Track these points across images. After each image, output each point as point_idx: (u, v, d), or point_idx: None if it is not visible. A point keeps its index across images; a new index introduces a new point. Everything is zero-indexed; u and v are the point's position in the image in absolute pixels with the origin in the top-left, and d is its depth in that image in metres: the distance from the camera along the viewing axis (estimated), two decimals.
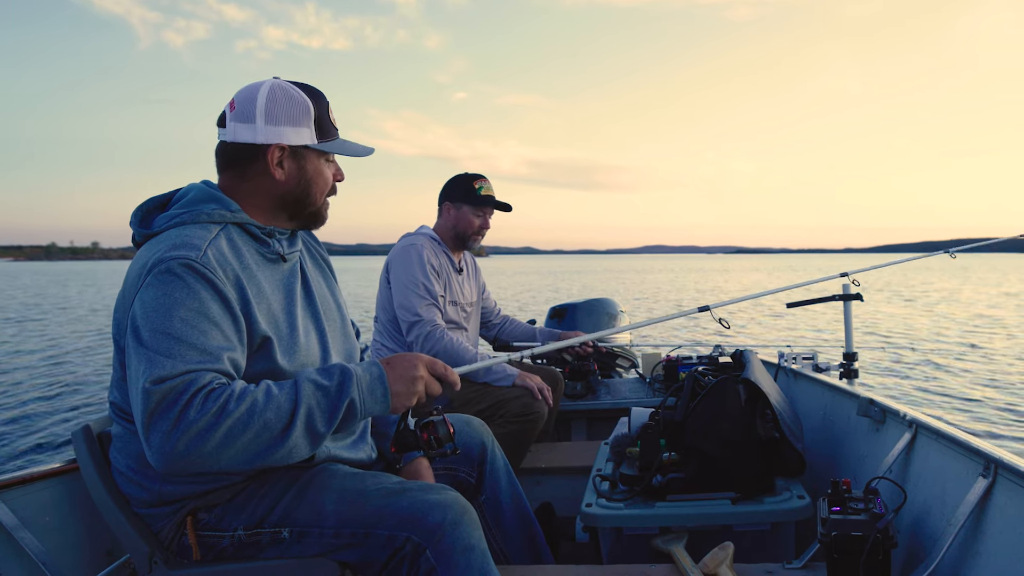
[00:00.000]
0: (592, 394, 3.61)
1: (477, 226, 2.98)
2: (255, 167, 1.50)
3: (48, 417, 7.21)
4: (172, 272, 1.32)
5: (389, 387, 1.38)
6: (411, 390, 1.40)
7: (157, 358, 1.25)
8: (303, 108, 1.49)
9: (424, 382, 1.43)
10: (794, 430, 2.13)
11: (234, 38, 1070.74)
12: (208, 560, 1.49)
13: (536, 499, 2.57)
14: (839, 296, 2.77)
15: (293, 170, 1.51)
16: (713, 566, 1.72)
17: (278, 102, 1.47)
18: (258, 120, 1.46)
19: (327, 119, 1.54)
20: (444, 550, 1.39)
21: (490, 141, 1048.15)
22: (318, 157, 1.54)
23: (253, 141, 1.48)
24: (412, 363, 1.43)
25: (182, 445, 1.20)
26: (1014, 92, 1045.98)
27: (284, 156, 1.49)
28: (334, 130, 1.56)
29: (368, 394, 1.36)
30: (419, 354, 1.46)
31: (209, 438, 1.21)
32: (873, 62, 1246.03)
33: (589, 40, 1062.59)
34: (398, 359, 1.43)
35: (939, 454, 1.80)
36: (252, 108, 1.47)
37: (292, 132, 1.48)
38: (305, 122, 1.49)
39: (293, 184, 1.52)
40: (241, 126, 1.47)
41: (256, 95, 1.47)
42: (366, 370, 1.38)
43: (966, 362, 10.34)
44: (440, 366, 1.46)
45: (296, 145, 1.50)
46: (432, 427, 1.57)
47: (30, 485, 1.71)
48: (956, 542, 1.56)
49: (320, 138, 1.52)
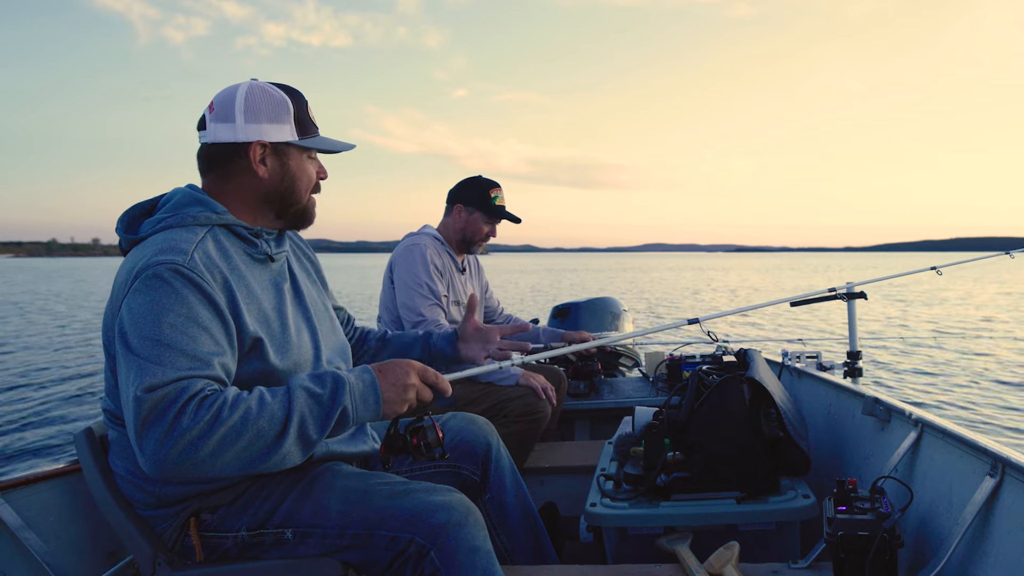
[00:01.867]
0: (595, 393, 3.60)
1: (485, 233, 3.00)
2: (237, 166, 1.50)
3: (51, 417, 7.21)
4: (159, 277, 1.31)
5: (381, 394, 1.38)
6: (402, 397, 1.40)
7: (148, 365, 1.24)
8: (282, 105, 1.50)
9: (416, 390, 1.42)
10: (799, 429, 2.12)
11: (234, 35, 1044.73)
12: (211, 561, 1.48)
13: (540, 499, 2.56)
14: (843, 295, 2.76)
15: (276, 167, 1.51)
16: (718, 566, 1.71)
17: (257, 100, 1.48)
18: (238, 119, 1.47)
19: (307, 117, 1.55)
20: (449, 551, 1.38)
21: (490, 139, 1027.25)
22: (300, 154, 1.54)
23: (234, 140, 1.48)
24: (404, 370, 1.42)
25: (175, 453, 1.20)
26: (1016, 90, 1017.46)
27: (266, 153, 1.50)
28: (314, 127, 1.56)
29: (360, 402, 1.36)
30: (411, 361, 1.45)
31: (203, 446, 1.20)
32: (872, 60, 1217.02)
33: (589, 38, 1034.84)
34: (390, 366, 1.43)
35: (945, 453, 1.79)
36: (231, 108, 1.47)
37: (273, 129, 1.48)
38: (285, 119, 1.50)
39: (277, 181, 1.52)
40: (221, 126, 1.47)
41: (235, 95, 1.48)
42: (359, 377, 1.38)
43: (972, 361, 10.32)
44: (431, 373, 1.46)
45: (278, 142, 1.50)
46: (422, 432, 1.57)
47: (34, 486, 1.71)
48: (963, 542, 1.55)
49: (301, 135, 1.53)
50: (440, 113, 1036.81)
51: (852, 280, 2.84)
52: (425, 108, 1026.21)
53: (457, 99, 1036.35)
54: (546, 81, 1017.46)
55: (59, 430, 6.70)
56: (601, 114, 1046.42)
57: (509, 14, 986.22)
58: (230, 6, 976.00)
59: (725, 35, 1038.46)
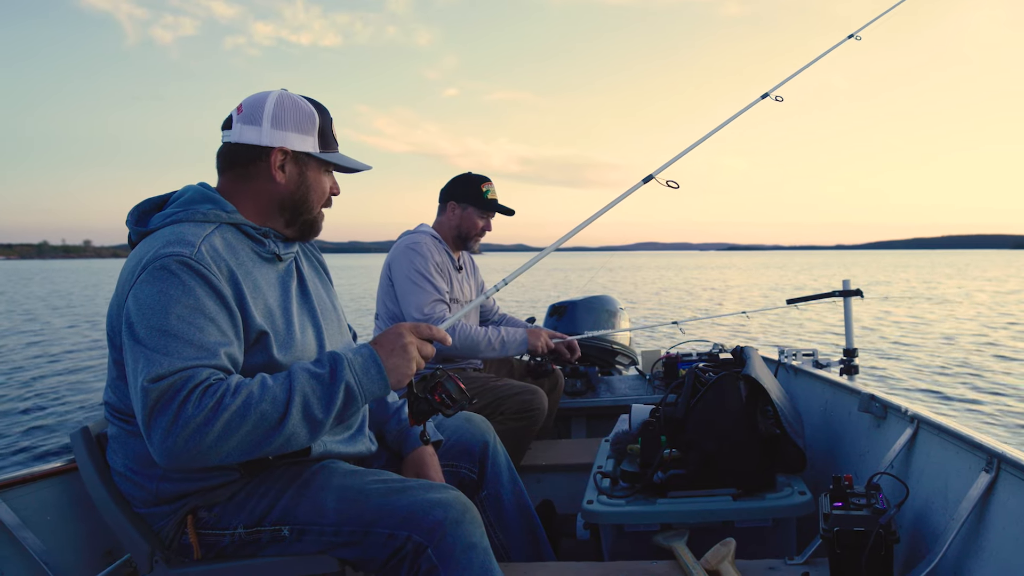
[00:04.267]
0: (592, 392, 3.61)
1: (480, 228, 3.01)
2: (257, 168, 1.52)
3: (48, 417, 7.20)
4: (167, 269, 1.33)
5: (383, 363, 1.38)
6: (406, 358, 1.40)
7: (154, 356, 1.26)
8: (309, 117, 1.53)
9: (415, 346, 1.42)
10: (795, 426, 2.13)
11: (223, 34, 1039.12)
12: (209, 559, 1.48)
13: (537, 496, 2.57)
14: (840, 292, 2.77)
15: (294, 175, 1.54)
16: (715, 562, 1.71)
17: (286, 109, 1.52)
18: (264, 123, 1.50)
19: (330, 132, 1.58)
20: (445, 548, 1.38)
21: (481, 138, 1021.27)
22: (318, 167, 1.57)
23: (258, 143, 1.51)
24: (397, 333, 1.43)
25: (182, 440, 1.21)
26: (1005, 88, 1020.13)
27: (287, 160, 1.53)
28: (335, 144, 1.60)
29: (363, 375, 1.36)
30: (400, 323, 1.46)
31: (208, 432, 1.22)
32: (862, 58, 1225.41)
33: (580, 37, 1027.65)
34: (382, 336, 1.44)
35: (941, 449, 1.80)
36: (260, 112, 1.51)
37: (297, 138, 1.52)
38: (310, 131, 1.54)
39: (293, 188, 1.54)
40: (247, 128, 1.51)
41: (265, 100, 1.52)
42: (357, 353, 1.39)
43: (968, 357, 10.35)
44: (424, 328, 1.46)
45: (300, 151, 1.53)
46: (441, 387, 1.52)
47: (31, 484, 1.71)
48: (959, 537, 1.56)
49: (322, 148, 1.56)
50: (431, 112, 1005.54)
51: (847, 278, 2.86)
52: (416, 107, 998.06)
53: (448, 98, 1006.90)
54: (537, 80, 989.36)
55: (58, 421, 6.69)
56: (593, 113, 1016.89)
57: (499, 13, 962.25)
58: (219, 5, 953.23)
59: (717, 34, 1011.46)
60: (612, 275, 48.61)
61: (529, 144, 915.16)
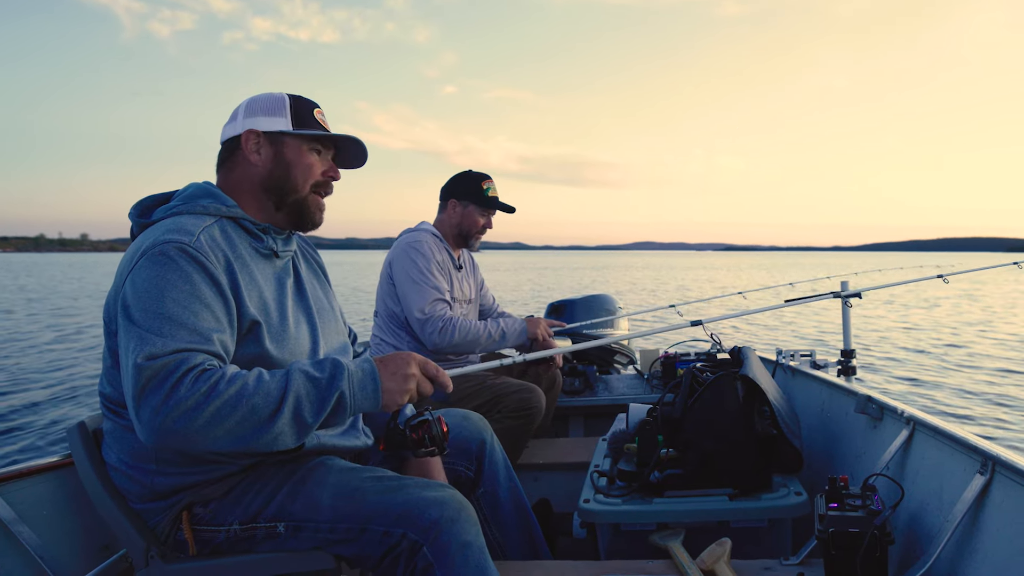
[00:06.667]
0: (590, 390, 3.61)
1: (481, 225, 3.01)
2: (236, 157, 1.58)
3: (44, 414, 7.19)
4: (166, 255, 1.35)
5: (380, 383, 1.39)
6: (403, 388, 1.41)
7: (149, 336, 1.27)
8: (279, 101, 1.58)
9: (416, 380, 1.43)
10: (792, 427, 2.13)
11: (221, 29, 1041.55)
12: (204, 554, 1.49)
13: (534, 495, 2.57)
14: (837, 293, 2.77)
15: (269, 155, 1.57)
16: (710, 562, 1.72)
17: (257, 100, 1.59)
18: (239, 117, 1.58)
19: (308, 114, 1.60)
20: (441, 547, 1.39)
21: (480, 136, 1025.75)
22: (299, 145, 1.59)
23: (233, 134, 1.57)
24: (405, 361, 1.43)
25: (171, 421, 1.22)
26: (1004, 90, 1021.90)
27: (261, 143, 1.56)
28: (316, 125, 1.60)
29: (359, 389, 1.37)
30: (413, 353, 1.46)
31: (197, 416, 1.22)
32: (863, 60, 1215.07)
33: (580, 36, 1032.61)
34: (391, 357, 1.44)
35: (937, 451, 1.80)
36: (238, 110, 1.59)
37: (266, 120, 1.57)
38: (280, 112, 1.57)
39: (272, 167, 1.57)
40: (228, 126, 1.59)
41: (245, 101, 1.59)
42: (359, 366, 1.39)
43: (964, 360, 10.36)
44: (432, 367, 1.47)
45: (271, 131, 1.56)
46: (426, 426, 1.57)
47: (27, 479, 1.70)
48: (953, 539, 1.56)
49: (297, 127, 1.58)
50: (430, 110, 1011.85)
51: (846, 279, 2.86)
52: (415, 105, 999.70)
53: (447, 96, 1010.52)
54: (536, 78, 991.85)
55: (54, 417, 6.68)
56: (591, 112, 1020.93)
57: (498, 11, 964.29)
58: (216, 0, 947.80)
59: (717, 34, 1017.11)
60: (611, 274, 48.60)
61: (528, 143, 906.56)
